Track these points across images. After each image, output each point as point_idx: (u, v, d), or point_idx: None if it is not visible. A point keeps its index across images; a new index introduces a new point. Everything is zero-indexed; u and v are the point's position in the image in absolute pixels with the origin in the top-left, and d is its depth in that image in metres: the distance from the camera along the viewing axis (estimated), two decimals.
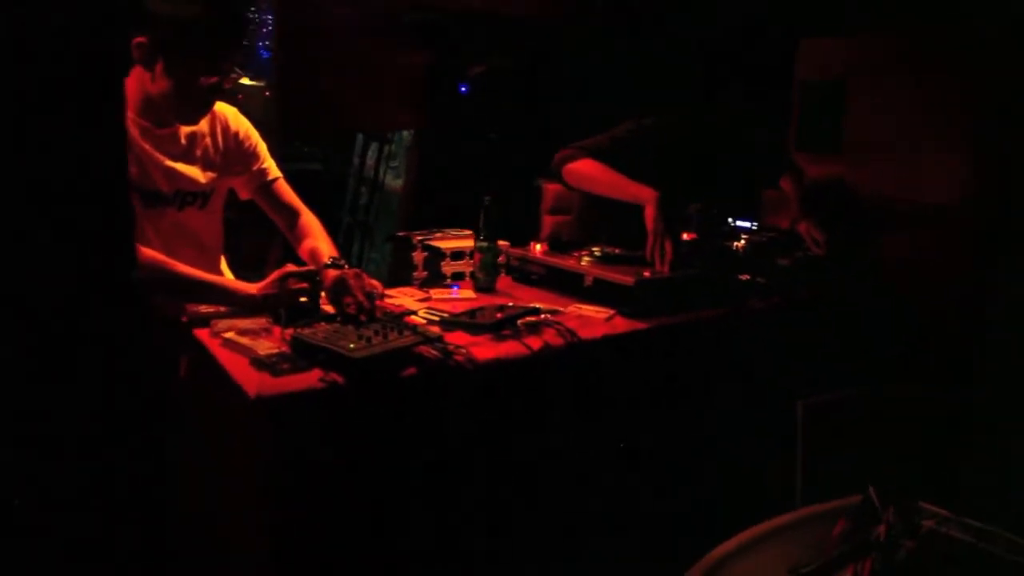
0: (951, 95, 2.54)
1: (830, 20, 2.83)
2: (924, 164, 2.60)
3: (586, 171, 2.44)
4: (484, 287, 2.18)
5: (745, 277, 2.33)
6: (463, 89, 4.34)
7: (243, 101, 4.19)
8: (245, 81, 4.23)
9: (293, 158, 5.16)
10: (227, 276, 1.98)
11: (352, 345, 1.47)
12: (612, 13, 4.37)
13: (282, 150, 4.50)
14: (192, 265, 1.72)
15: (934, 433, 2.17)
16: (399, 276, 2.35)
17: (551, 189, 3.26)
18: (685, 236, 2.76)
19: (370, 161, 5.18)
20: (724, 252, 2.47)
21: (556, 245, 2.37)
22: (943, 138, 2.56)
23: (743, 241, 2.64)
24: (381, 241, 4.90)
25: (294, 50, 3.83)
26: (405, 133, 4.91)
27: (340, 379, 1.42)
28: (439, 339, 1.60)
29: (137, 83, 1.63)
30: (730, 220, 3.12)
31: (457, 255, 2.33)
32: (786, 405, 1.88)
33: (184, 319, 1.73)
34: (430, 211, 4.26)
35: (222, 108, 1.84)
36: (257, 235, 2.55)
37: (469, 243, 2.35)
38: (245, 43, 3.70)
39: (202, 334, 1.65)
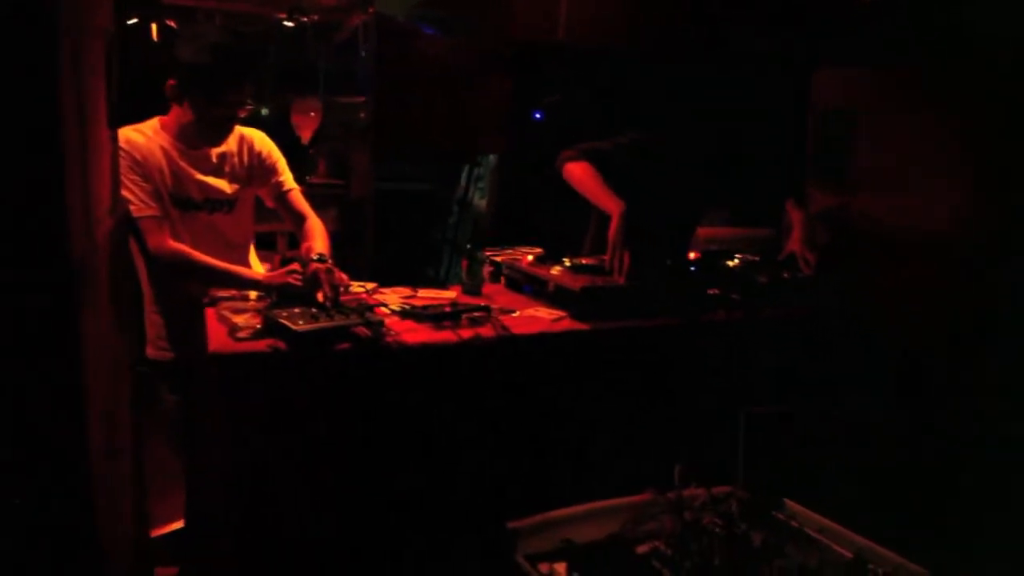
0: (952, 126, 2.58)
1: (844, 50, 2.92)
2: (925, 193, 2.64)
3: (577, 173, 2.62)
4: (469, 290, 2.51)
5: (714, 291, 2.48)
6: (537, 116, 4.68)
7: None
8: None
9: (401, 178, 5.73)
10: (255, 268, 2.43)
11: (301, 322, 1.85)
12: (694, 43, 4.55)
13: (387, 171, 5.05)
14: (220, 259, 2.18)
15: (866, 453, 2.24)
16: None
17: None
18: (692, 255, 2.96)
19: (463, 182, 5.66)
20: (700, 267, 2.63)
21: (543, 255, 2.64)
22: (943, 168, 2.60)
23: (737, 260, 2.79)
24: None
25: (387, 78, 4.26)
26: (491, 156, 5.33)
27: (284, 347, 1.81)
28: (379, 323, 1.95)
29: (175, 115, 2.13)
30: None
31: None
32: (734, 413, 2.06)
33: (205, 300, 2.20)
34: (513, 229, 4.62)
35: (250, 132, 2.31)
36: None
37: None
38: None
39: (210, 311, 2.11)
